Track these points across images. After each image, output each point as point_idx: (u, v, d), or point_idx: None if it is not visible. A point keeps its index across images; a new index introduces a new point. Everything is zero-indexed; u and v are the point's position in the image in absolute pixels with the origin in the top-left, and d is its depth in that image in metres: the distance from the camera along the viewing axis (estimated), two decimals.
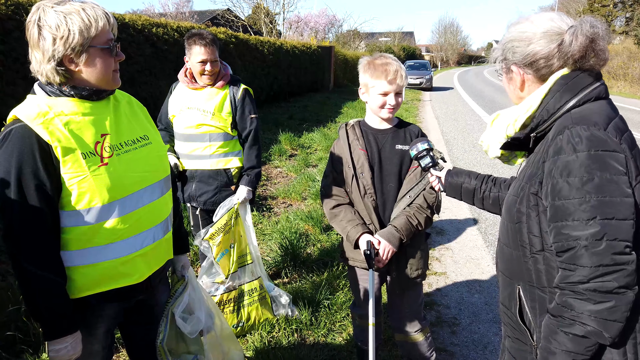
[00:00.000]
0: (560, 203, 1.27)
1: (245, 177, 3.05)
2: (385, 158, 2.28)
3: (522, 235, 1.42)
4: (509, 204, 1.49)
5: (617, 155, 1.24)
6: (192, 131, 2.96)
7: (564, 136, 1.30)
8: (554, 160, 1.30)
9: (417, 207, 2.23)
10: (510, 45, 1.46)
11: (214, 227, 2.91)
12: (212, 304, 2.14)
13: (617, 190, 1.22)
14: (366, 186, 2.26)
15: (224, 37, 11.20)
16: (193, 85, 2.96)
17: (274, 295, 3.20)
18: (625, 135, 1.32)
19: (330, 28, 41.20)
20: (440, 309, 3.57)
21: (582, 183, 1.24)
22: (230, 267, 2.98)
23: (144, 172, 1.65)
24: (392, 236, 2.20)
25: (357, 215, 2.28)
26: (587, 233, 1.22)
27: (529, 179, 1.40)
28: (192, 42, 2.84)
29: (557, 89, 1.39)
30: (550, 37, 1.38)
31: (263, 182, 6.81)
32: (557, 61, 1.39)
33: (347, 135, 2.33)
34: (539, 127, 1.41)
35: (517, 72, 1.48)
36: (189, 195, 3.09)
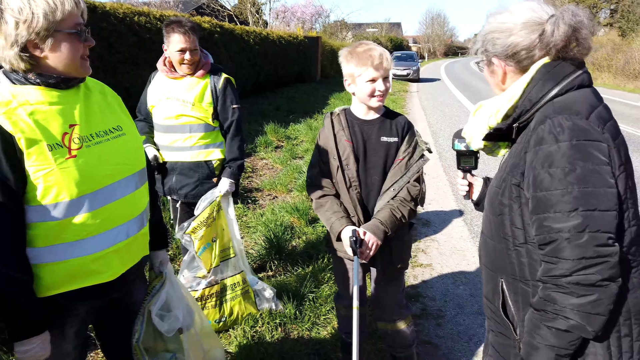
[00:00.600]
0: (542, 194, 1.24)
1: (228, 169, 2.97)
2: (371, 150, 2.24)
3: (505, 228, 1.39)
4: (491, 195, 1.46)
5: (599, 145, 1.21)
6: (172, 122, 2.88)
7: (546, 126, 1.27)
8: (536, 151, 1.27)
9: (401, 200, 2.19)
10: (490, 37, 1.42)
11: (196, 221, 2.84)
12: (192, 300, 2.08)
13: (600, 180, 1.19)
14: (351, 178, 2.22)
15: (208, 27, 11.02)
16: (172, 75, 2.87)
17: (257, 289, 3.15)
18: (609, 124, 1.28)
19: (317, 18, 40.93)
20: (426, 301, 3.55)
21: (564, 174, 1.21)
22: (213, 261, 2.92)
23: (116, 164, 1.58)
24: (377, 229, 2.17)
25: (342, 207, 2.24)
26: (569, 225, 1.19)
27: (511, 170, 1.36)
28: (170, 29, 2.75)
29: (539, 78, 1.35)
30: (531, 28, 1.35)
31: (248, 174, 6.74)
32: (538, 51, 1.36)
33: (333, 125, 2.28)
34: (522, 117, 1.38)
35: (498, 64, 1.44)
36: (169, 188, 3.01)
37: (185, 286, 2.88)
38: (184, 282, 2.91)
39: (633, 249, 1.28)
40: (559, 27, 1.31)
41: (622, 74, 25.29)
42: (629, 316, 1.28)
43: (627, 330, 1.28)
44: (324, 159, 2.29)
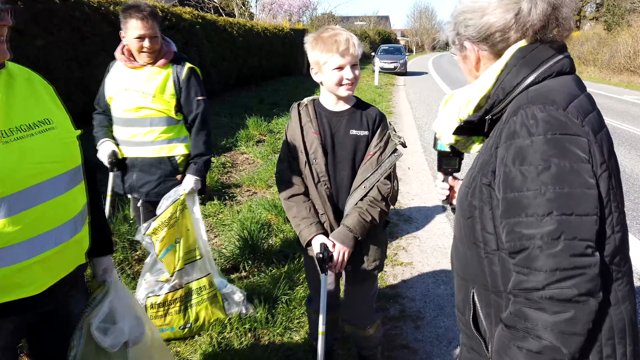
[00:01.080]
0: (513, 196, 1.08)
1: (193, 165, 2.79)
2: (339, 143, 2.09)
3: (475, 233, 1.23)
4: (460, 196, 1.30)
5: (578, 140, 1.05)
6: (131, 115, 2.68)
7: (518, 118, 1.10)
8: (507, 146, 1.11)
9: (370, 201, 2.05)
10: (462, 18, 1.25)
11: (157, 221, 2.65)
12: (141, 311, 1.90)
13: (578, 180, 1.03)
14: (320, 173, 2.07)
15: (189, 18, 10.73)
16: (131, 64, 2.67)
17: (226, 292, 2.98)
18: (590, 117, 1.12)
19: (304, 11, 40.58)
20: (405, 302, 3.40)
21: (538, 172, 1.05)
22: (176, 264, 2.74)
23: (43, 162, 1.39)
24: (346, 237, 2.04)
25: (312, 212, 2.09)
26: (542, 231, 1.03)
27: (481, 168, 1.21)
28: (127, 15, 2.54)
29: (513, 64, 1.19)
30: (506, 6, 1.18)
31: (227, 169, 6.54)
32: (514, 33, 1.19)
33: (300, 116, 2.12)
34: (494, 108, 1.21)
35: (471, 48, 1.27)
36: (129, 186, 2.81)
37: (146, 291, 2.70)
38: (146, 287, 2.73)
39: (617, 258, 1.13)
40: (536, 4, 1.15)
41: (607, 68, 25.40)
42: (611, 335, 1.12)
43: (609, 351, 1.13)
44: (293, 153, 2.14)
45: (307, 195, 2.13)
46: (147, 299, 2.68)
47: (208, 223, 4.67)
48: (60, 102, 1.57)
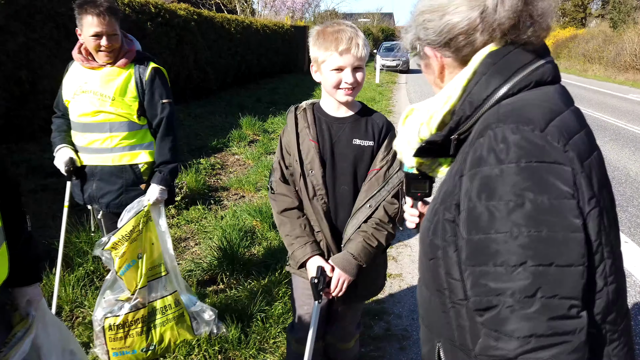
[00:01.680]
0: (478, 238, 0.86)
1: (158, 174, 2.56)
2: (339, 154, 1.87)
3: (439, 278, 1.01)
4: (422, 231, 1.08)
5: (559, 169, 0.83)
6: (89, 119, 2.46)
7: (485, 140, 0.88)
8: (472, 175, 0.89)
9: (376, 223, 1.83)
10: (421, 19, 1.03)
11: (117, 235, 2.43)
12: (77, 346, 1.68)
13: (559, 221, 0.81)
14: (316, 186, 1.86)
15: (184, 14, 10.51)
16: (89, 64, 2.45)
17: (195, 311, 2.76)
18: (576, 139, 0.89)
19: (307, 8, 40.29)
20: (391, 319, 3.18)
21: (508, 210, 0.83)
22: (138, 281, 2.52)
23: None
24: (349, 264, 1.82)
25: (307, 230, 1.88)
26: (514, 286, 0.81)
27: (444, 200, 0.98)
28: (82, 10, 2.32)
29: (482, 72, 0.96)
30: (470, 3, 0.95)
31: (216, 171, 6.32)
32: (480, 35, 0.97)
33: (296, 121, 1.90)
34: (461, 126, 0.99)
35: (432, 55, 1.05)
36: (89, 196, 2.59)
37: (105, 311, 2.49)
38: (105, 306, 2.51)
39: (611, 315, 0.90)
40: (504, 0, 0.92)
41: (612, 66, 25.03)
42: None
43: None
44: (286, 161, 1.93)
45: (301, 209, 1.92)
46: (105, 319, 2.47)
47: (190, 230, 4.46)
48: None
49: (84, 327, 2.88)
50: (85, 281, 3.33)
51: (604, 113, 12.18)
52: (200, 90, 11.59)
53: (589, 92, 17.54)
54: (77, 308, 3.09)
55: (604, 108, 13.13)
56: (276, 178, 1.97)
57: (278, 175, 1.96)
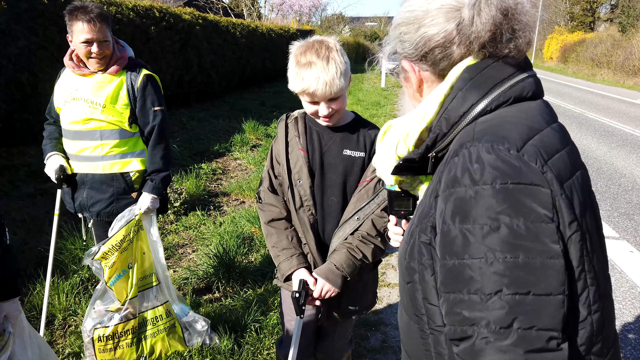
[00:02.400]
0: (452, 264, 0.81)
1: (149, 182, 2.52)
2: (329, 164, 1.82)
3: (417, 302, 0.96)
4: (400, 253, 1.03)
5: (537, 191, 0.78)
6: (79, 127, 2.42)
7: (459, 160, 0.84)
8: (446, 196, 0.84)
9: (362, 236, 1.78)
10: (398, 32, 0.99)
11: (107, 244, 2.39)
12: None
13: (537, 247, 0.76)
14: (303, 197, 1.81)
15: (189, 18, 10.51)
16: (80, 71, 2.41)
17: (187, 321, 2.71)
18: (556, 158, 0.84)
19: (314, 12, 40.36)
20: (388, 331, 3.11)
21: (483, 234, 0.78)
22: (129, 291, 2.47)
23: None
24: (332, 273, 1.77)
25: (294, 242, 1.84)
26: (489, 316, 0.76)
27: (420, 221, 0.93)
28: (73, 17, 2.29)
29: (459, 87, 0.92)
30: (446, 15, 0.91)
31: (217, 177, 6.29)
32: (457, 48, 0.92)
33: (287, 129, 1.86)
34: (438, 143, 0.94)
35: (410, 68, 1.01)
36: (79, 205, 2.56)
37: (94, 321, 2.44)
38: (95, 316, 2.47)
39: (596, 346, 0.84)
40: (480, 11, 0.88)
41: (621, 71, 24.81)
42: None
43: None
44: (276, 170, 1.89)
45: (289, 220, 1.88)
46: (94, 330, 2.43)
47: (188, 236, 4.42)
48: None
49: (75, 336, 2.84)
50: (79, 289, 3.30)
51: (612, 118, 12.04)
52: (204, 94, 11.59)
53: (597, 97, 17.36)
54: (70, 316, 3.05)
55: (612, 113, 12.98)
56: (264, 187, 1.92)
57: (267, 184, 1.92)
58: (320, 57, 1.63)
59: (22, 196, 4.87)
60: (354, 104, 13.15)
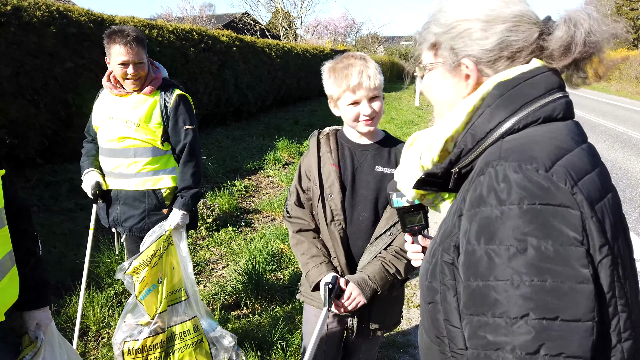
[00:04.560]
0: (477, 285, 0.79)
1: (180, 199, 2.59)
2: (361, 180, 1.84)
3: (438, 324, 0.94)
4: (420, 272, 1.01)
5: (566, 213, 0.76)
6: (114, 145, 2.52)
7: (485, 178, 0.82)
8: (471, 216, 0.82)
9: (396, 251, 1.79)
10: (464, 27, 0.96)
11: (139, 259, 2.46)
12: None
13: (565, 271, 0.73)
14: (334, 211, 1.83)
15: (227, 40, 10.82)
16: (117, 92, 2.53)
17: (214, 336, 2.74)
18: (587, 180, 0.81)
19: (349, 32, 40.81)
20: (417, 353, 3.05)
21: (509, 256, 0.76)
22: (158, 306, 2.53)
23: None
24: (364, 282, 1.77)
25: (322, 250, 1.86)
26: (515, 341, 0.74)
27: (442, 240, 0.92)
28: (110, 40, 2.41)
29: (488, 103, 0.91)
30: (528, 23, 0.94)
31: (249, 194, 6.38)
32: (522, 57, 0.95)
33: (319, 145, 1.89)
34: (462, 159, 0.92)
35: (472, 69, 0.97)
36: (113, 220, 2.65)
37: (124, 334, 2.50)
38: (125, 329, 2.53)
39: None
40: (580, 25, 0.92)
41: None
42: None
43: None
44: (305, 185, 1.92)
45: (317, 232, 1.91)
46: (124, 343, 2.48)
47: (219, 252, 4.49)
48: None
49: (107, 347, 2.91)
50: (113, 301, 3.39)
51: None
52: (240, 113, 11.84)
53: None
54: (104, 328, 3.14)
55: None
56: (292, 201, 1.96)
57: (294, 198, 1.96)
58: (358, 59, 1.76)
59: (63, 211, 5.07)
60: (387, 122, 13.12)
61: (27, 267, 1.53)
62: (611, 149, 10.12)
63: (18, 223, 1.49)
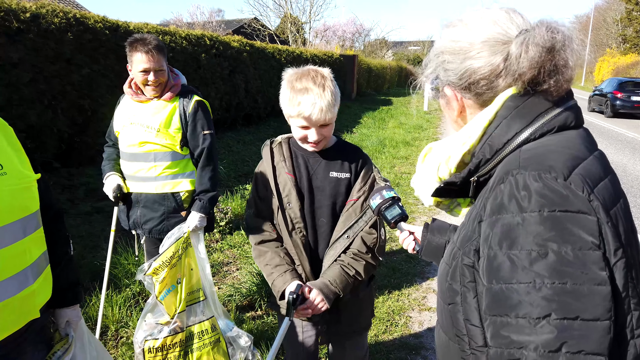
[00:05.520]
0: (499, 288, 0.84)
1: (198, 202, 2.66)
2: (317, 187, 1.86)
3: (458, 323, 0.99)
4: (440, 274, 1.06)
5: (584, 219, 0.81)
6: (135, 150, 2.61)
7: (506, 187, 0.87)
8: (492, 222, 0.87)
9: (354, 254, 1.82)
10: (441, 59, 1.04)
11: (158, 260, 2.53)
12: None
13: (584, 273, 0.78)
14: (294, 219, 1.85)
15: (237, 46, 10.95)
16: (138, 98, 2.61)
17: (231, 336, 2.80)
18: (601, 186, 0.86)
19: (357, 37, 40.95)
20: (429, 355, 3.09)
21: (531, 260, 0.81)
22: (177, 306, 2.60)
23: None
24: (326, 287, 1.78)
25: (286, 259, 1.86)
26: (537, 340, 0.78)
27: (462, 244, 0.97)
28: (132, 48, 2.49)
29: (504, 115, 0.96)
30: (492, 48, 0.96)
31: None
32: (502, 80, 0.97)
33: (272, 155, 1.90)
34: (480, 168, 0.98)
35: (452, 95, 1.05)
36: (133, 222, 2.73)
37: (145, 333, 2.57)
38: (146, 328, 2.60)
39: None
40: (528, 49, 0.91)
41: None
42: None
43: None
44: (262, 195, 1.92)
45: (280, 241, 1.90)
46: (145, 342, 2.55)
47: (232, 254, 4.56)
48: (19, 145, 1.47)
49: (126, 347, 2.99)
50: (131, 302, 3.47)
51: None
52: (250, 118, 11.95)
53: None
54: (122, 328, 3.21)
55: None
56: (251, 213, 1.96)
57: (253, 209, 1.95)
58: (317, 84, 1.70)
59: (80, 214, 5.17)
60: (397, 127, 13.18)
61: (60, 267, 1.60)
62: (621, 154, 10.10)
63: (52, 225, 1.56)
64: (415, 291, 3.95)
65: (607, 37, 45.28)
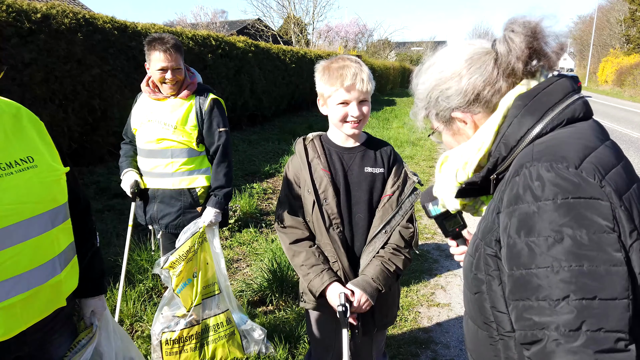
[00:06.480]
0: (520, 273, 0.90)
1: (213, 197, 2.72)
2: (353, 182, 1.89)
3: (485, 311, 1.04)
4: (465, 266, 1.12)
5: (596, 204, 0.86)
6: (153, 146, 2.67)
7: (521, 179, 0.93)
8: (509, 213, 0.93)
9: (393, 248, 1.85)
10: (437, 93, 1.12)
11: (175, 255, 2.59)
12: (137, 354, 1.81)
13: (600, 255, 0.83)
14: (331, 215, 1.87)
15: (242, 46, 11.02)
16: (155, 96, 2.67)
17: (245, 329, 2.86)
18: (613, 173, 0.91)
19: (360, 37, 40.99)
20: (438, 349, 3.15)
21: (548, 246, 0.86)
22: (193, 299, 2.66)
23: (15, 203, 1.33)
24: (369, 285, 1.81)
25: (321, 258, 1.87)
26: (558, 320, 0.83)
27: (484, 236, 1.03)
28: (151, 47, 2.55)
29: (514, 114, 1.03)
30: (479, 60, 1.07)
31: (268, 196, 6.51)
32: (504, 81, 1.06)
33: (306, 151, 1.93)
34: (498, 166, 1.04)
35: (463, 117, 1.12)
36: (150, 217, 2.79)
37: (162, 325, 2.63)
38: (163, 321, 2.67)
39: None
40: (512, 40, 1.02)
41: None
42: None
43: None
44: (295, 193, 1.95)
45: (312, 240, 1.92)
46: (162, 334, 2.62)
47: (242, 251, 4.62)
48: (50, 139, 1.52)
49: (142, 340, 3.05)
50: (145, 297, 3.53)
51: None
52: (255, 118, 12.02)
53: None
54: (137, 322, 3.27)
55: None
56: (284, 211, 1.96)
57: (286, 208, 1.96)
58: (353, 61, 1.82)
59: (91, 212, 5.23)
60: (400, 127, 13.22)
61: (87, 258, 1.65)
62: (627, 154, 10.11)
63: (80, 217, 1.62)
64: (423, 287, 4.01)
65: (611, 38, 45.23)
